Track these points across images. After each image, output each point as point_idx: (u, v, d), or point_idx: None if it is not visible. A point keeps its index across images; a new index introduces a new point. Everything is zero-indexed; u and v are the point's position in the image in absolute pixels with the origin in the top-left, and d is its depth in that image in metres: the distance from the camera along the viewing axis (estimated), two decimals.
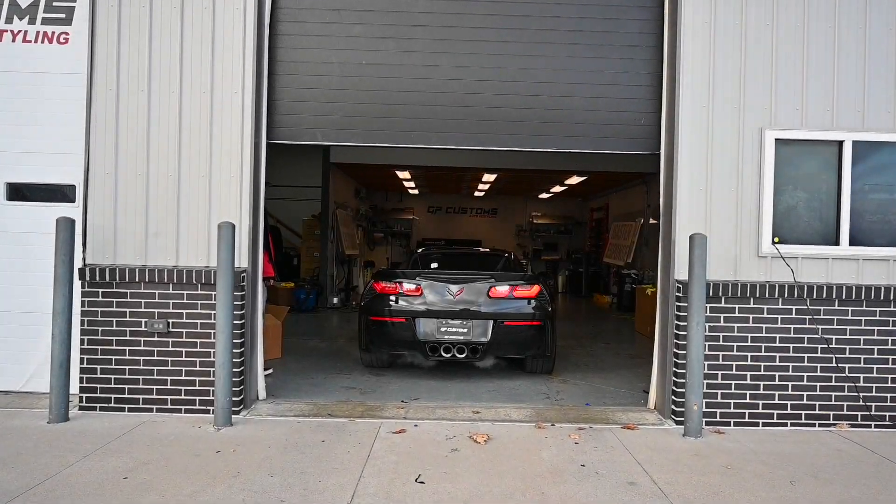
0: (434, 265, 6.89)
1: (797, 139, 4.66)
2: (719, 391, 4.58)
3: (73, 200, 4.78)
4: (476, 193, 17.37)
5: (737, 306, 4.58)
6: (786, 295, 4.56)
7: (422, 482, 3.38)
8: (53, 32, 4.84)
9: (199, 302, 4.57)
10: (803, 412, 4.58)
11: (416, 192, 17.52)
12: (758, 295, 4.55)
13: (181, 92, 4.65)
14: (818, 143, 4.68)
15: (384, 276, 6.17)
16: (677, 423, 4.50)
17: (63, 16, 4.84)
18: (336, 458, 3.71)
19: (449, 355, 5.64)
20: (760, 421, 4.58)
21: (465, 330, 5.63)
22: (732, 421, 4.57)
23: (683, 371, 4.39)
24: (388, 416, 4.58)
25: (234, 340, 4.38)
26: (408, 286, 5.80)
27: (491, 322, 5.64)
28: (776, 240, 4.63)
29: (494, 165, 12.38)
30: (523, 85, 4.97)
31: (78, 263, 4.54)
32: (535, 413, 4.76)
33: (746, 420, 4.57)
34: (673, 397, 4.59)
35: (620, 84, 4.95)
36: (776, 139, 4.63)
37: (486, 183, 14.82)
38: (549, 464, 3.69)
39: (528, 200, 18.23)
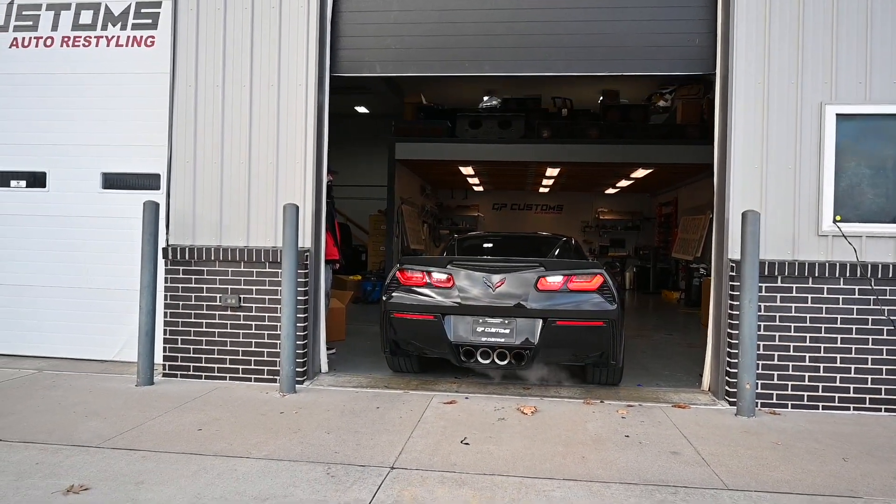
0: (475, 253, 5.91)
1: (861, 114, 4.50)
2: (775, 372, 4.48)
3: (157, 188, 5.28)
4: (540, 189, 17.34)
5: (794, 286, 4.47)
6: (847, 274, 4.42)
7: (467, 443, 3.55)
8: (141, 37, 5.37)
9: (266, 279, 4.95)
10: (867, 396, 4.41)
11: (480, 189, 17.69)
12: (816, 274, 4.43)
13: (251, 86, 5.04)
14: (885, 117, 4.50)
15: (410, 263, 4.95)
16: (730, 403, 4.45)
17: (150, 21, 5.36)
18: (389, 421, 3.94)
19: (487, 361, 4.58)
20: (820, 404, 4.45)
21: (507, 331, 4.54)
22: (790, 403, 4.46)
23: (736, 351, 4.34)
24: (440, 390, 4.78)
25: (298, 315, 4.72)
26: (437, 276, 4.71)
27: (539, 321, 4.51)
28: (838, 218, 4.49)
29: (557, 159, 12.38)
30: (573, 11, 4.98)
31: (162, 244, 5.02)
32: (585, 391, 4.83)
33: (805, 403, 4.46)
34: (726, 378, 4.54)
35: (672, 6, 4.89)
36: (837, 114, 4.49)
37: (549, 178, 14.80)
38: (592, 434, 3.77)
39: (594, 196, 18.02)
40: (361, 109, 13.79)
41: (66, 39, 5.47)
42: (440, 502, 2.77)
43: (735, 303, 4.41)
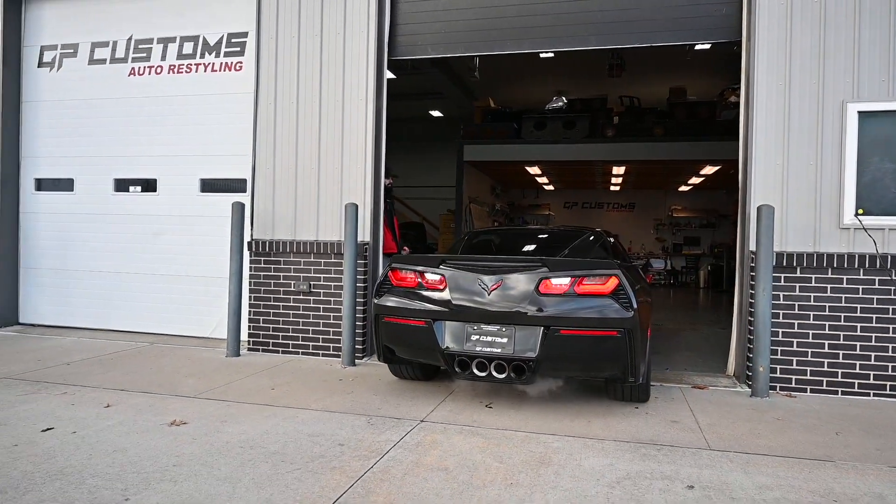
0: (485, 250, 5.18)
1: (884, 111, 4.66)
2: (794, 358, 4.73)
3: (244, 190, 6.21)
4: (611, 188, 17.44)
5: (813, 276, 4.70)
6: (867, 266, 4.60)
7: (490, 407, 4.13)
8: (231, 63, 6.32)
9: (332, 268, 5.73)
10: (888, 383, 4.58)
11: (551, 188, 18.01)
12: (835, 265, 4.65)
13: (320, 102, 5.84)
14: None
15: (403, 262, 4.39)
16: (749, 386, 4.74)
17: (238, 49, 6.30)
18: (428, 390, 4.58)
19: (484, 374, 3.90)
20: (840, 389, 4.65)
21: (505, 340, 3.88)
22: (808, 388, 4.70)
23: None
24: None
25: (357, 298, 5.46)
26: (429, 277, 4.14)
27: (540, 330, 3.82)
28: (860, 211, 4.67)
29: (622, 157, 12.59)
30: None
31: (247, 238, 5.92)
32: None
33: (824, 388, 4.68)
34: (747, 363, 4.83)
35: None
36: (859, 111, 4.67)
37: (617, 176, 14.94)
38: (605, 405, 4.23)
39: (667, 194, 17.87)
40: (436, 113, 14.50)
41: (172, 67, 6.53)
42: (454, 444, 3.37)
43: (752, 291, 4.71)
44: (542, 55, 8.55)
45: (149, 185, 6.65)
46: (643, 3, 5.32)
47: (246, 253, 5.90)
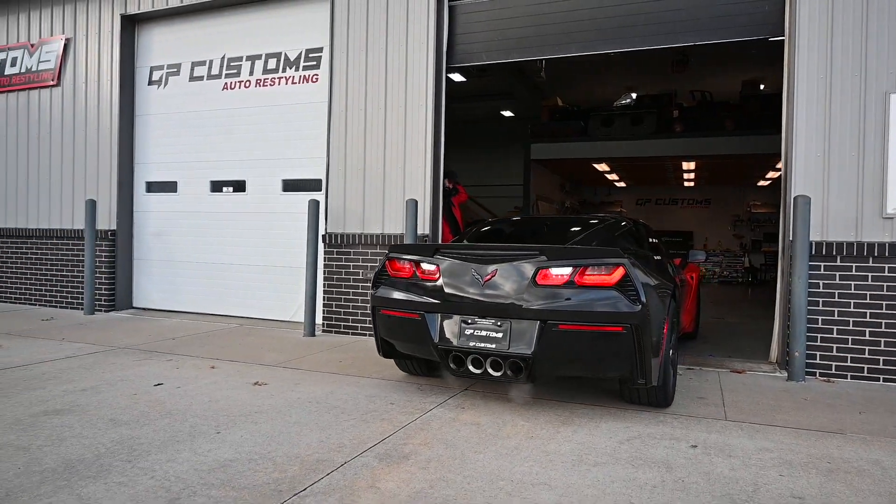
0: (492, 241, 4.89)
1: None
2: (834, 345, 4.84)
3: (319, 189, 6.93)
4: (685, 183, 17.18)
5: (854, 265, 4.79)
6: None
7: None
8: (309, 75, 7.07)
9: None
10: None
11: (622, 184, 17.97)
12: (876, 254, 4.72)
13: (385, 108, 6.46)
14: None
15: (399, 252, 4.15)
16: (787, 372, 4.90)
17: (314, 63, 7.04)
18: None
19: (479, 371, 3.66)
20: (881, 377, 4.72)
21: (500, 335, 3.59)
22: (849, 375, 4.80)
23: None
24: None
25: None
26: (424, 267, 3.90)
27: (537, 324, 3.51)
28: None
29: (691, 152, 12.52)
30: None
31: (322, 231, 6.63)
32: None
33: (865, 375, 4.76)
34: (786, 348, 4.98)
35: None
36: None
37: (688, 171, 14.77)
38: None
39: (744, 189, 17.39)
40: (507, 114, 14.91)
41: (258, 81, 7.37)
42: (490, 407, 3.85)
43: (790, 279, 4.86)
44: (609, 54, 8.78)
45: (239, 186, 7.53)
46: (684, 4, 5.56)
47: (321, 245, 6.61)
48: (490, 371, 3.65)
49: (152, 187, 8.08)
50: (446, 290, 3.78)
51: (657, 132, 12.41)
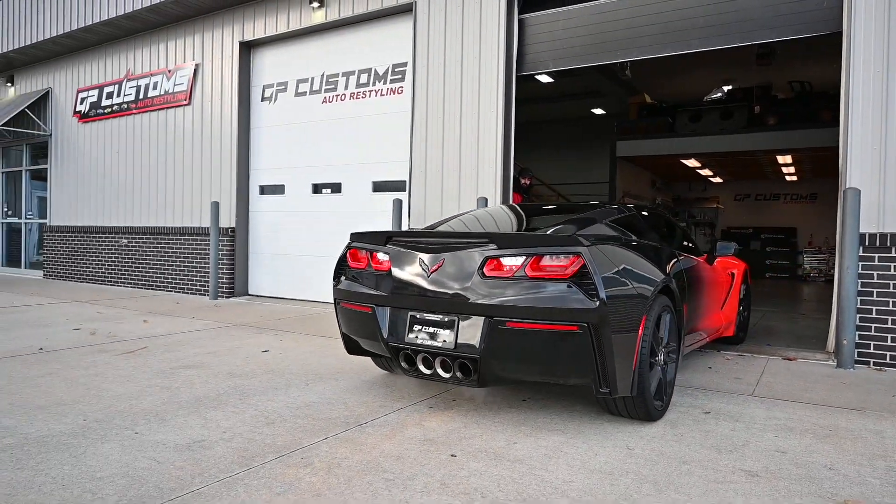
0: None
1: None
2: (889, 335, 4.91)
3: (403, 189, 7.74)
4: (787, 178, 16.45)
5: None
6: None
7: None
8: (395, 87, 7.90)
9: None
10: None
11: (718, 180, 17.50)
12: None
13: (461, 115, 7.13)
14: None
15: (359, 240, 3.85)
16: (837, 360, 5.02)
17: (400, 76, 7.86)
18: None
19: (429, 371, 3.35)
20: None
21: (447, 332, 3.25)
22: None
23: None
24: None
25: None
26: (379, 256, 3.63)
27: (483, 321, 3.14)
28: None
29: (784, 146, 12.15)
30: None
31: (405, 227, 7.42)
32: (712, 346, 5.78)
33: None
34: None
35: None
36: None
37: (786, 165, 14.22)
38: (687, 365, 4.89)
39: None
40: (595, 112, 15.11)
41: (352, 94, 8.30)
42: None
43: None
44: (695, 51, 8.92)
45: (336, 188, 8.51)
46: (740, 5, 5.77)
47: None
48: (440, 372, 3.31)
49: (264, 190, 9.27)
50: (395, 281, 3.46)
51: (748, 126, 12.16)
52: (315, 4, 8.18)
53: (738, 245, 5.16)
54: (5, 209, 13.48)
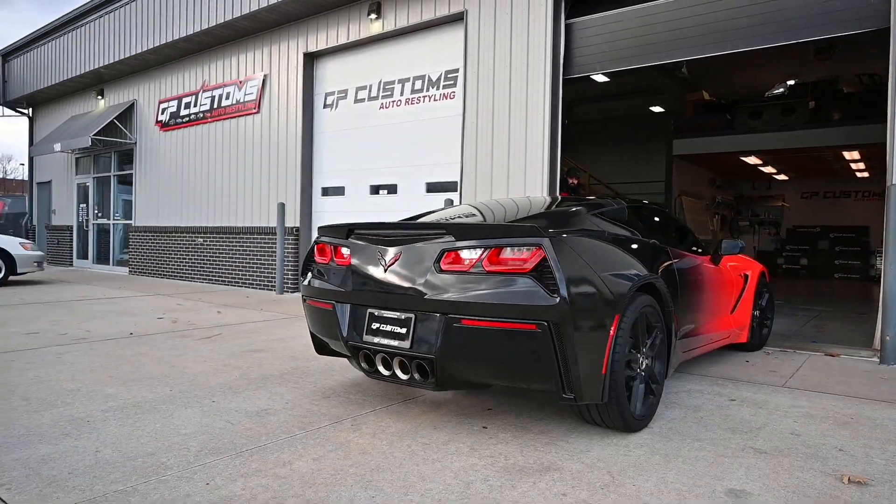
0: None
1: None
2: None
3: (455, 190, 8.10)
4: (858, 174, 15.79)
5: None
6: None
7: None
8: (447, 93, 8.28)
9: None
10: None
11: (783, 178, 16.98)
12: None
13: (509, 118, 7.44)
14: None
15: (325, 233, 3.65)
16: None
17: (452, 82, 8.23)
18: None
19: (388, 373, 3.16)
20: None
21: (404, 330, 3.05)
22: None
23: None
24: None
25: None
26: (342, 250, 3.45)
27: (439, 318, 2.92)
28: None
29: (850, 141, 11.76)
30: None
31: None
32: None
33: None
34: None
35: None
36: None
37: (855, 161, 13.70)
38: (725, 359, 5.02)
39: None
40: (653, 110, 15.02)
41: (407, 100, 8.75)
42: None
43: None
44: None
45: (392, 189, 8.98)
46: (786, 4, 5.81)
47: None
48: (398, 373, 3.11)
49: (326, 191, 9.86)
50: (354, 276, 3.28)
51: (811, 121, 11.86)
52: (373, 16, 8.68)
53: (743, 243, 4.81)
54: (96, 211, 14.75)
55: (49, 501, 2.24)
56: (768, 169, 15.52)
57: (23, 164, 52.85)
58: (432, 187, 8.48)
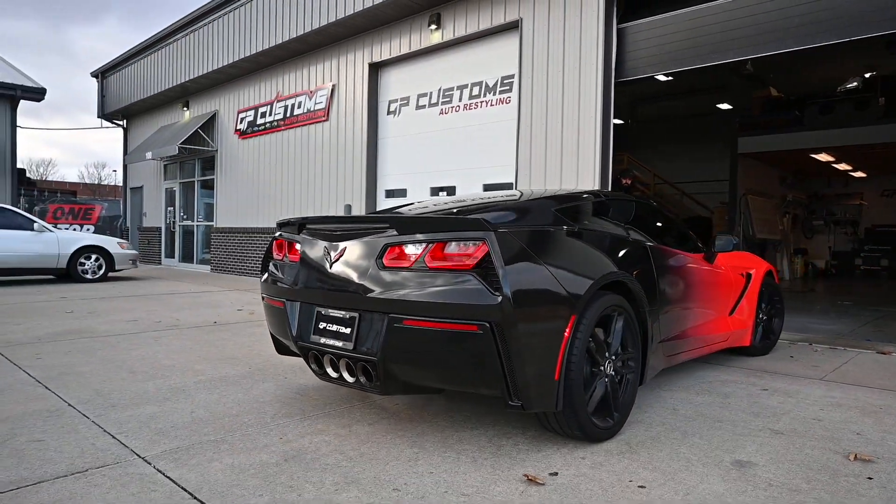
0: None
1: None
2: None
3: (511, 190, 8.42)
4: None
5: None
6: None
7: None
8: (503, 98, 8.63)
9: None
10: None
11: (861, 175, 16.24)
12: None
13: (562, 122, 7.71)
14: None
15: (283, 227, 3.52)
16: None
17: (508, 87, 8.57)
18: None
19: (337, 375, 3.01)
20: None
21: (348, 330, 2.88)
22: None
23: None
24: None
25: None
26: (297, 246, 3.32)
27: (381, 318, 2.76)
28: None
29: None
30: None
31: None
32: (807, 336, 5.88)
33: None
34: None
35: None
36: None
37: None
38: (770, 354, 5.12)
39: None
40: (719, 107, 14.77)
41: (465, 106, 9.15)
42: None
43: None
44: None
45: (451, 190, 9.40)
46: (835, 3, 5.81)
47: None
48: (345, 376, 2.94)
49: (389, 193, 10.41)
50: (303, 273, 3.15)
51: (887, 115, 11.41)
52: (433, 27, 9.14)
53: (735, 240, 4.42)
54: (181, 214, 16.00)
55: (157, 445, 2.78)
56: (843, 166, 14.93)
57: (115, 171, 57.01)
58: (489, 188, 8.84)
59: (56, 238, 10.47)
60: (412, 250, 2.73)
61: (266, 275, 3.49)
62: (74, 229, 17.95)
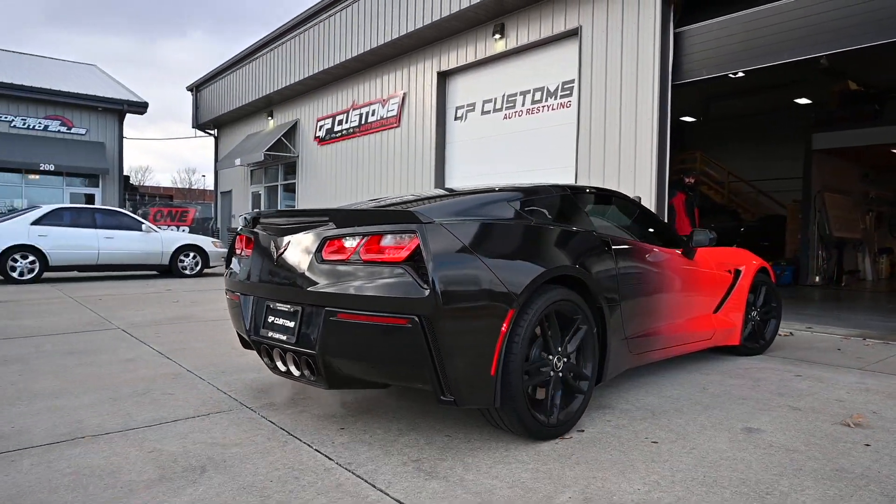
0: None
1: None
2: None
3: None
4: None
5: None
6: None
7: None
8: (564, 102, 9.01)
9: None
10: None
11: None
12: None
13: (620, 125, 8.01)
14: None
15: (243, 221, 3.51)
16: None
17: (568, 92, 8.95)
18: None
19: (284, 370, 3.03)
20: None
21: (291, 324, 2.93)
22: None
23: None
24: None
25: None
26: (248, 240, 3.39)
27: (319, 312, 2.77)
28: None
29: None
30: None
31: None
32: (863, 332, 5.95)
33: None
34: None
35: None
36: None
37: None
38: (816, 345, 5.30)
39: None
40: (796, 102, 14.41)
41: (528, 110, 9.60)
42: None
43: None
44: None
45: None
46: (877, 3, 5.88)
47: None
48: (292, 370, 2.97)
49: None
50: (254, 266, 3.19)
51: None
52: (497, 36, 9.64)
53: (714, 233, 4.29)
54: None
55: (259, 399, 3.46)
56: None
57: (203, 176, 60.85)
58: None
59: (160, 238, 11.73)
60: (350, 244, 2.75)
61: (228, 270, 3.54)
62: (172, 230, 19.68)
